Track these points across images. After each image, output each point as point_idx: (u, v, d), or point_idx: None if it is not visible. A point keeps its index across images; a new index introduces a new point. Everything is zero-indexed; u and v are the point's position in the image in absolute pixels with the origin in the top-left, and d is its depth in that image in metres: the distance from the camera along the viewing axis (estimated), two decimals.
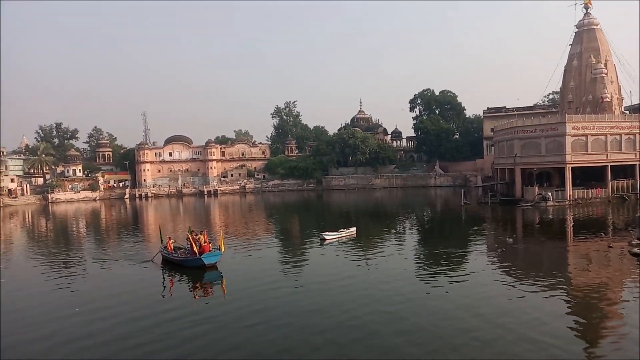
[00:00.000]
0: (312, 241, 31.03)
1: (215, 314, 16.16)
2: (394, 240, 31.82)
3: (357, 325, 14.41)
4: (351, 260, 24.44)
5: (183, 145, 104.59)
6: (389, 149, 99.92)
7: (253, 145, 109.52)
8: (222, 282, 21.31)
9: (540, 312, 15.08)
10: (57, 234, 44.45)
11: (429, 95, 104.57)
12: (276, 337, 13.72)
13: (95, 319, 16.09)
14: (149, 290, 20.21)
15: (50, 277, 23.44)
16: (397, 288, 18.52)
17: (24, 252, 33.34)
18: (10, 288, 21.43)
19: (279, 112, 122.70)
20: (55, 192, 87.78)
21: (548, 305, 15.88)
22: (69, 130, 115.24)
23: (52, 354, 13.12)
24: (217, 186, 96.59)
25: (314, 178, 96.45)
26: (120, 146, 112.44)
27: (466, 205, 50.51)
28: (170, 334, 14.31)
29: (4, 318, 16.55)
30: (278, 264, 24.69)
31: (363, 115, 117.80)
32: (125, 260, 26.27)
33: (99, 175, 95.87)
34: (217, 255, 23.28)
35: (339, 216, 49.61)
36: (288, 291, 18.74)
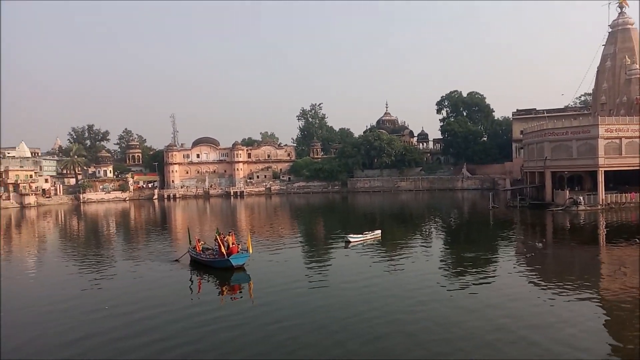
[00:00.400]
0: (337, 243, 30.98)
1: (242, 315, 16.19)
2: (420, 243, 31.50)
3: (382, 326, 14.35)
4: (376, 263, 24.33)
5: (210, 147, 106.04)
6: (415, 151, 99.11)
7: (279, 147, 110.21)
8: (250, 283, 21.28)
9: (567, 319, 14.73)
10: (88, 233, 45.64)
11: (457, 97, 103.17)
12: (303, 340, 13.67)
13: (124, 318, 16.38)
14: (178, 290, 20.37)
15: (81, 275, 24.11)
16: (421, 292, 18.35)
17: (56, 250, 34.39)
18: (42, 285, 22.15)
19: (304, 114, 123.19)
20: (87, 192, 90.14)
21: (576, 312, 15.47)
22: (100, 132, 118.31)
23: (81, 354, 13.46)
24: (243, 187, 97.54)
25: (339, 180, 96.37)
26: (149, 148, 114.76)
27: (494, 208, 49.66)
28: (199, 335, 14.36)
29: (36, 315, 17.10)
30: (304, 266, 24.76)
31: (389, 117, 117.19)
32: (153, 261, 26.63)
33: (128, 176, 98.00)
34: (245, 256, 23.28)
35: (364, 218, 49.47)
36: (314, 295, 18.69)
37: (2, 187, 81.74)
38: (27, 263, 29.22)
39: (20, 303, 19.12)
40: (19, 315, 17.23)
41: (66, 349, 13.67)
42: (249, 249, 23.49)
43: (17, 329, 15.67)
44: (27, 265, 28.35)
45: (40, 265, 28.54)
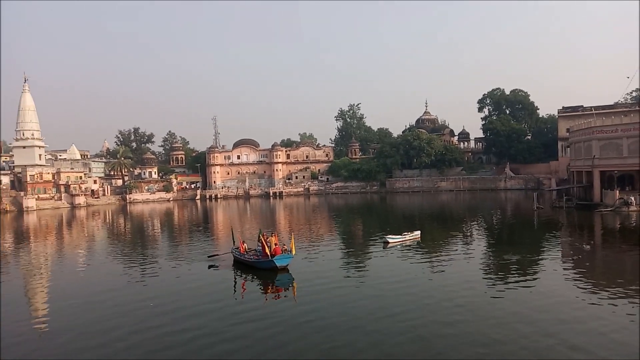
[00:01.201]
0: (376, 244, 30.89)
1: (286, 317, 16.16)
2: (460, 245, 30.93)
3: (420, 328, 14.28)
4: (415, 265, 24.13)
5: (250, 149, 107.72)
6: (455, 151, 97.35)
7: (317, 147, 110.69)
8: (293, 285, 21.22)
9: (615, 324, 14.16)
10: (134, 232, 47.34)
11: (499, 95, 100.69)
12: (345, 342, 13.64)
13: (169, 315, 16.87)
14: (222, 290, 20.62)
15: (127, 273, 25.10)
16: (460, 294, 18.09)
17: (104, 248, 35.89)
18: (91, 283, 23.14)
19: (342, 114, 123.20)
20: (133, 193, 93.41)
21: (625, 317, 14.83)
22: (145, 135, 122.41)
23: (126, 348, 14.04)
24: (282, 188, 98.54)
25: (378, 180, 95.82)
26: (192, 150, 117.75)
27: (539, 209, 48.14)
28: (242, 332, 14.63)
29: (86, 309, 17.96)
30: (344, 267, 24.67)
31: (429, 117, 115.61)
32: (197, 260, 27.01)
33: (172, 177, 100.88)
34: (289, 257, 23.26)
35: (403, 219, 49.01)
36: (355, 296, 18.54)
37: (55, 187, 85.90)
38: (78, 260, 30.65)
39: (68, 296, 20.05)
40: (68, 308, 18.09)
41: (113, 343, 14.27)
42: (292, 250, 23.53)
43: (66, 320, 16.48)
44: (77, 262, 29.77)
45: (89, 262, 29.86)
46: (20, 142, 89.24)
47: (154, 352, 13.45)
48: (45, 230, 51.44)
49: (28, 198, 79.39)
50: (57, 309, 18.69)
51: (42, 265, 29.32)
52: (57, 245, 39.14)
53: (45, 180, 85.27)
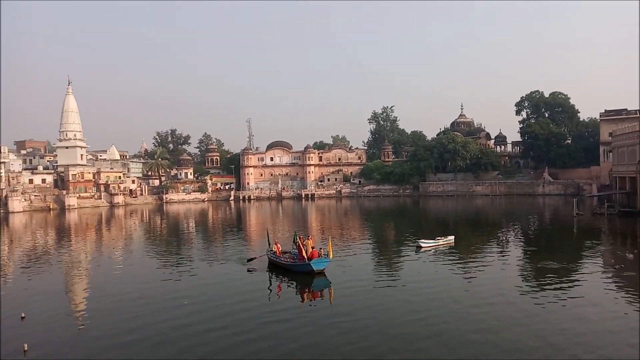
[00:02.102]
0: (408, 248, 30.51)
1: (323, 323, 15.86)
2: (496, 251, 30.18)
3: (452, 337, 14.01)
4: (449, 270, 23.71)
5: (283, 151, 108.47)
6: (491, 155, 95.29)
7: (349, 150, 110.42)
8: (330, 289, 20.82)
9: None
10: (170, 231, 48.34)
11: (538, 98, 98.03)
12: (382, 351, 13.46)
13: (202, 315, 17.11)
14: (256, 292, 20.56)
15: (163, 271, 25.65)
16: (494, 301, 17.67)
17: (141, 246, 36.85)
18: (128, 280, 23.75)
19: (376, 117, 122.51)
20: (169, 193, 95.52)
21: None
22: (182, 136, 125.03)
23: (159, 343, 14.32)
24: (314, 190, 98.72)
25: (411, 184, 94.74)
26: (227, 151, 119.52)
27: (579, 216, 46.48)
28: (279, 338, 14.48)
29: (122, 305, 18.42)
30: (378, 272, 24.34)
31: (464, 120, 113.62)
32: (231, 261, 27.12)
33: (207, 178, 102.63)
34: (326, 261, 22.82)
35: (436, 223, 48.24)
36: (389, 301, 18.20)
37: (95, 187, 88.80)
38: (115, 257, 31.54)
39: (106, 292, 20.67)
40: (105, 303, 18.61)
41: (147, 339, 14.59)
42: (329, 254, 23.12)
43: (102, 316, 16.95)
44: (115, 259, 30.61)
45: (126, 260, 30.67)
46: (64, 143, 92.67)
47: (188, 349, 13.68)
48: (85, 228, 53.21)
49: (70, 196, 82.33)
50: (95, 304, 19.31)
51: (81, 261, 30.34)
52: (97, 242, 40.42)
53: (86, 180, 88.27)
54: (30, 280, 24.54)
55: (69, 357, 13.35)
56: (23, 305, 18.27)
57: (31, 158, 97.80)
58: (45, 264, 29.28)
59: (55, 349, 14.02)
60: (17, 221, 61.60)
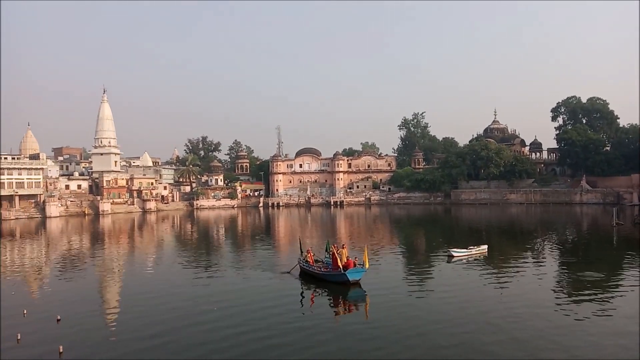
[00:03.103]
0: (440, 257, 29.86)
1: (358, 335, 15.25)
2: (530, 261, 29.19)
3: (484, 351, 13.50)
4: (481, 280, 23.08)
5: (312, 157, 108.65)
6: (526, 162, 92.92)
7: (379, 157, 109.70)
8: (366, 301, 20.14)
9: None
10: (200, 237, 48.85)
11: (575, 103, 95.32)
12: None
13: (232, 321, 17.03)
14: (289, 301, 20.17)
15: (193, 277, 25.83)
16: (527, 312, 17.08)
17: (172, 251, 37.36)
18: (159, 284, 23.97)
19: (406, 123, 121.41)
20: (200, 199, 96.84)
21: None
22: (213, 143, 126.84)
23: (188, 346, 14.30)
24: (343, 197, 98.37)
25: (442, 191, 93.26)
26: (256, 158, 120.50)
27: (618, 225, 44.62)
28: (313, 348, 14.22)
29: (152, 309, 18.56)
30: (413, 282, 23.57)
31: (497, 126, 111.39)
32: (261, 269, 26.73)
33: (237, 185, 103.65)
34: (362, 271, 21.99)
35: (469, 232, 47.19)
36: (429, 317, 17.30)
37: (128, 192, 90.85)
38: (147, 262, 32.05)
39: (138, 295, 20.95)
40: (138, 306, 18.80)
41: (176, 342, 14.63)
42: (365, 264, 22.20)
43: (133, 319, 17.08)
44: (147, 264, 31.13)
45: (157, 264, 31.14)
46: (98, 150, 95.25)
47: (218, 353, 13.65)
48: (118, 233, 54.36)
49: (104, 202, 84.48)
50: (127, 307, 19.59)
51: (115, 265, 30.87)
52: (129, 247, 41.20)
53: (119, 186, 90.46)
54: (65, 283, 25.11)
55: (103, 357, 13.51)
56: (59, 308, 18.64)
57: (68, 164, 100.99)
58: (80, 268, 29.95)
59: (89, 351, 14.20)
60: (53, 226, 63.49)
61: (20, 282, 25.57)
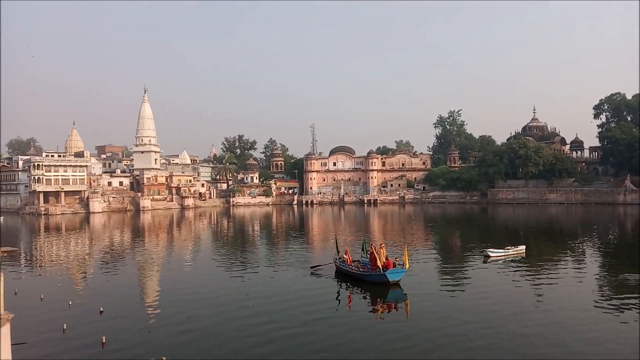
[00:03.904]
0: (475, 258, 29.42)
1: (401, 343, 14.62)
2: (570, 263, 28.33)
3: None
4: (519, 282, 22.62)
5: (346, 156, 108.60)
6: (567, 160, 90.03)
7: (414, 155, 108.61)
8: (406, 302, 19.55)
9: None
10: (236, 234, 49.74)
11: (619, 100, 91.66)
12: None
13: (268, 318, 17.24)
14: (324, 300, 19.97)
15: (229, 273, 26.44)
16: (568, 318, 16.57)
17: (210, 248, 38.26)
18: (196, 279, 24.63)
19: (442, 121, 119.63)
20: (236, 196, 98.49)
21: None
22: (248, 142, 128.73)
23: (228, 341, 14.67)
24: (376, 196, 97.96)
25: (478, 190, 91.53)
26: (291, 156, 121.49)
27: None
28: (351, 347, 14.13)
29: (190, 304, 19.07)
30: (451, 283, 23.01)
31: (537, 124, 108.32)
32: (297, 267, 26.82)
33: (272, 183, 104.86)
34: (402, 272, 21.52)
35: (506, 232, 46.25)
36: (462, 316, 17.05)
37: (167, 189, 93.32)
38: (185, 257, 32.98)
39: (176, 289, 21.54)
40: (177, 299, 19.35)
41: (212, 337, 15.02)
42: (405, 264, 21.81)
43: (171, 314, 17.60)
44: (185, 258, 32.09)
45: (196, 259, 32.02)
46: (139, 148, 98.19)
47: (255, 347, 13.96)
48: (158, 228, 56.01)
49: (144, 199, 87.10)
50: (166, 300, 20.28)
51: (154, 260, 31.95)
52: (168, 242, 42.41)
53: (159, 183, 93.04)
54: (107, 276, 26.13)
55: (144, 350, 14.01)
56: (101, 300, 19.43)
57: (110, 162, 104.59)
58: (121, 262, 31.14)
59: (130, 342, 14.74)
60: (96, 221, 65.98)
61: (65, 274, 26.81)
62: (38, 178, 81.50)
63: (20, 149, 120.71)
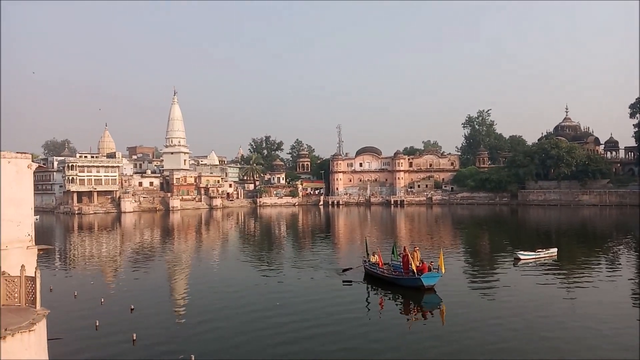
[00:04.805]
0: (506, 260, 28.84)
1: (438, 349, 14.23)
2: (604, 267, 27.44)
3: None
4: (551, 286, 22.13)
5: (372, 156, 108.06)
6: (601, 161, 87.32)
7: (441, 156, 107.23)
8: (442, 308, 18.87)
9: None
10: (263, 234, 50.11)
11: None
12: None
13: (296, 317, 17.33)
14: (354, 302, 19.69)
15: (256, 272, 26.74)
16: (604, 324, 16.04)
17: (237, 247, 38.66)
18: (225, 278, 24.91)
19: (470, 121, 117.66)
20: (263, 197, 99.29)
21: None
22: (275, 143, 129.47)
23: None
24: (403, 196, 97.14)
25: (508, 191, 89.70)
26: (317, 157, 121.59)
27: None
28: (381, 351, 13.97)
29: (219, 301, 19.33)
30: (485, 287, 22.31)
31: (569, 123, 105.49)
32: (324, 268, 26.46)
33: (298, 183, 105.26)
34: (437, 276, 20.78)
35: (537, 234, 45.19)
36: (511, 324, 16.24)
37: (196, 190, 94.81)
38: (214, 256, 33.50)
39: (205, 288, 21.93)
40: (205, 298, 19.66)
41: (239, 335, 15.17)
42: (441, 268, 20.94)
43: (203, 309, 17.84)
44: (214, 258, 32.57)
45: (223, 258, 32.44)
46: (169, 149, 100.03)
47: (284, 346, 14.01)
48: (187, 228, 56.96)
49: (174, 199, 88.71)
50: (195, 298, 20.61)
51: (183, 259, 32.57)
52: (197, 242, 43.07)
53: (188, 183, 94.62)
54: (138, 274, 26.72)
55: (173, 347, 14.25)
56: (132, 298, 19.89)
57: (141, 163, 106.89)
58: (151, 260, 31.76)
59: (160, 339, 15.03)
60: (127, 220, 67.54)
61: (97, 272, 27.54)
62: (72, 178, 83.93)
63: (55, 150, 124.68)
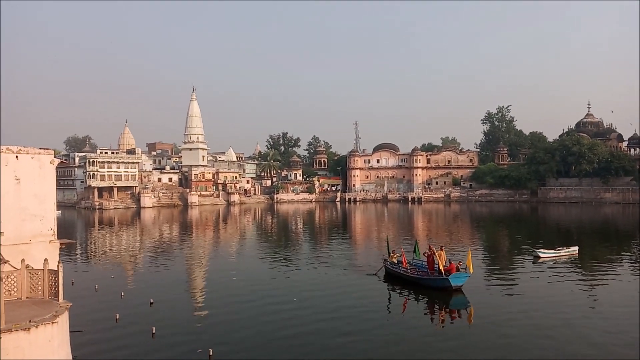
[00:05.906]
0: (525, 258, 28.47)
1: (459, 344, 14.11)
2: (627, 266, 26.78)
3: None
4: (571, 284, 21.69)
5: (390, 153, 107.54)
6: (624, 158, 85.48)
7: (460, 152, 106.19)
8: (470, 310, 18.24)
9: None
10: (280, 230, 50.32)
11: None
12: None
13: (316, 317, 17.29)
14: (373, 304, 18.98)
15: (274, 267, 26.78)
16: (623, 324, 15.72)
17: (254, 243, 38.92)
18: (242, 273, 25.08)
19: (490, 117, 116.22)
20: (280, 193, 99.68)
21: None
22: (292, 139, 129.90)
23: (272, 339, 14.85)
24: (421, 193, 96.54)
25: (528, 189, 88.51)
26: (334, 153, 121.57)
27: None
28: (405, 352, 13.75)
29: (237, 296, 19.47)
30: (500, 284, 22.13)
31: (591, 119, 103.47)
32: (342, 267, 26.02)
33: (315, 180, 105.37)
34: (465, 276, 20.06)
35: (557, 232, 44.49)
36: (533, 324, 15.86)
37: (214, 186, 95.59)
38: (231, 251, 33.82)
39: (223, 282, 22.15)
40: (223, 292, 19.85)
41: (256, 330, 15.25)
42: (469, 268, 20.15)
43: (222, 303, 18.05)
44: (231, 253, 32.91)
45: (241, 254, 32.73)
46: (188, 145, 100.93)
47: (301, 340, 14.07)
48: (205, 223, 57.48)
49: (192, 194, 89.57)
50: (213, 292, 20.86)
51: (201, 254, 32.90)
52: (215, 237, 43.42)
53: (206, 179, 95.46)
54: (157, 268, 27.07)
55: (191, 341, 14.40)
56: (151, 292, 20.16)
57: (160, 159, 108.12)
58: (170, 255, 32.16)
59: (179, 333, 15.22)
60: (147, 215, 68.43)
61: (118, 266, 27.98)
62: (93, 174, 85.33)
63: (77, 146, 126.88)
